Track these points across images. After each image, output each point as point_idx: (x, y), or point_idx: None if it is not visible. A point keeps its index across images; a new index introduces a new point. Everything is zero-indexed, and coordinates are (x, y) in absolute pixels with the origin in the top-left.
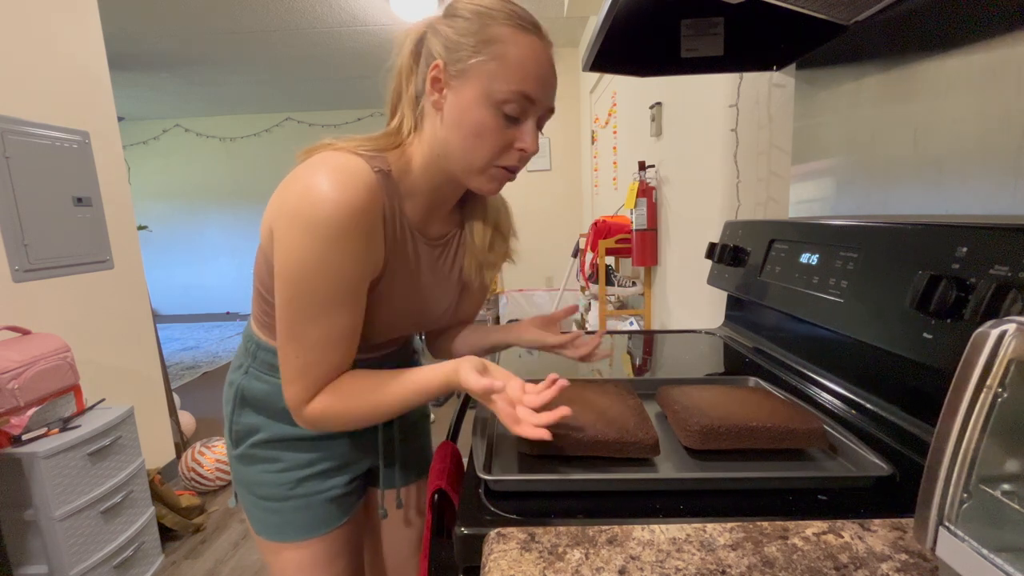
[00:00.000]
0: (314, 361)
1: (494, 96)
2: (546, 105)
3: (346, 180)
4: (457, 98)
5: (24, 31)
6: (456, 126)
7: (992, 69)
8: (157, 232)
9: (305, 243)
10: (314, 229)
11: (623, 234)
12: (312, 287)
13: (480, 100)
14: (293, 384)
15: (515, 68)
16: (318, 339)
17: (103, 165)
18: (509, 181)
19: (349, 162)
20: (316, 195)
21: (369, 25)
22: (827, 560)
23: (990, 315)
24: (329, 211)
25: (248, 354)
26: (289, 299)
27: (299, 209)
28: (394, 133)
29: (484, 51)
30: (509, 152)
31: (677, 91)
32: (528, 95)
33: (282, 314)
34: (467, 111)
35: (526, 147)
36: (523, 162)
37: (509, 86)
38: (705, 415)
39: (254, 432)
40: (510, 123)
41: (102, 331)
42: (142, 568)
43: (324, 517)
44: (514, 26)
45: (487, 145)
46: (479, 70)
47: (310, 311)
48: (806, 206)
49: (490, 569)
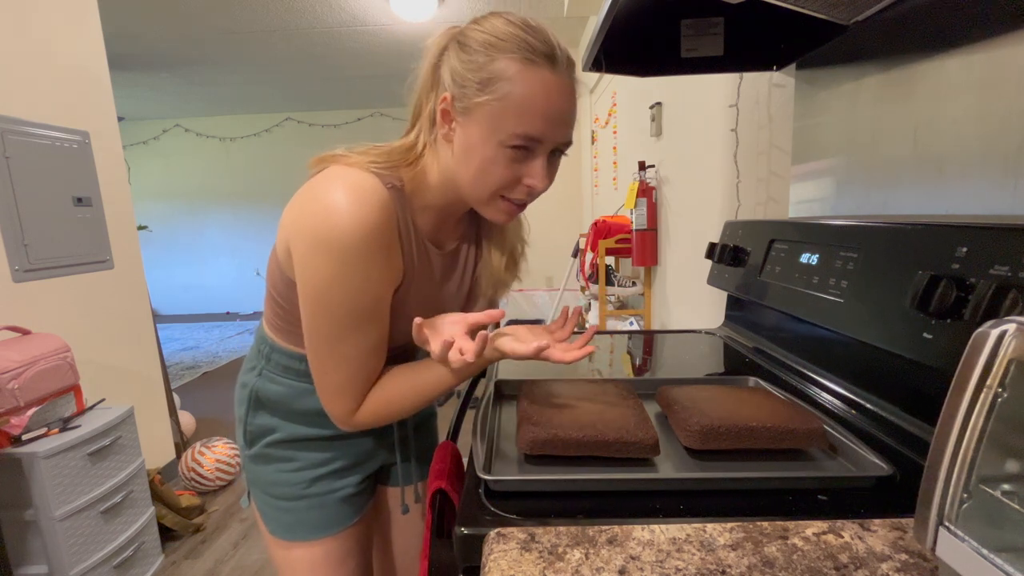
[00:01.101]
0: (353, 374)
1: (498, 137)
2: (557, 141)
3: (362, 200)
4: (464, 133)
5: (24, 31)
6: (464, 161)
7: (992, 69)
8: (157, 232)
9: (328, 266)
10: (336, 253)
11: (623, 234)
12: (340, 308)
13: (485, 140)
14: (337, 399)
15: (520, 109)
16: (353, 354)
17: (103, 165)
18: (520, 212)
19: (364, 180)
20: (335, 217)
21: (369, 25)
22: (827, 560)
23: (990, 315)
24: (349, 233)
25: (261, 356)
26: (318, 320)
27: (318, 232)
28: (409, 149)
29: (488, 90)
30: (518, 187)
31: (677, 91)
32: (533, 136)
33: (312, 334)
34: (473, 148)
35: (534, 184)
36: (532, 196)
37: (514, 128)
38: (705, 415)
39: (269, 432)
40: (518, 159)
41: (102, 331)
42: (142, 568)
43: (337, 516)
44: (522, 60)
45: (494, 181)
46: (484, 110)
47: (341, 330)
48: (806, 206)
49: (490, 569)
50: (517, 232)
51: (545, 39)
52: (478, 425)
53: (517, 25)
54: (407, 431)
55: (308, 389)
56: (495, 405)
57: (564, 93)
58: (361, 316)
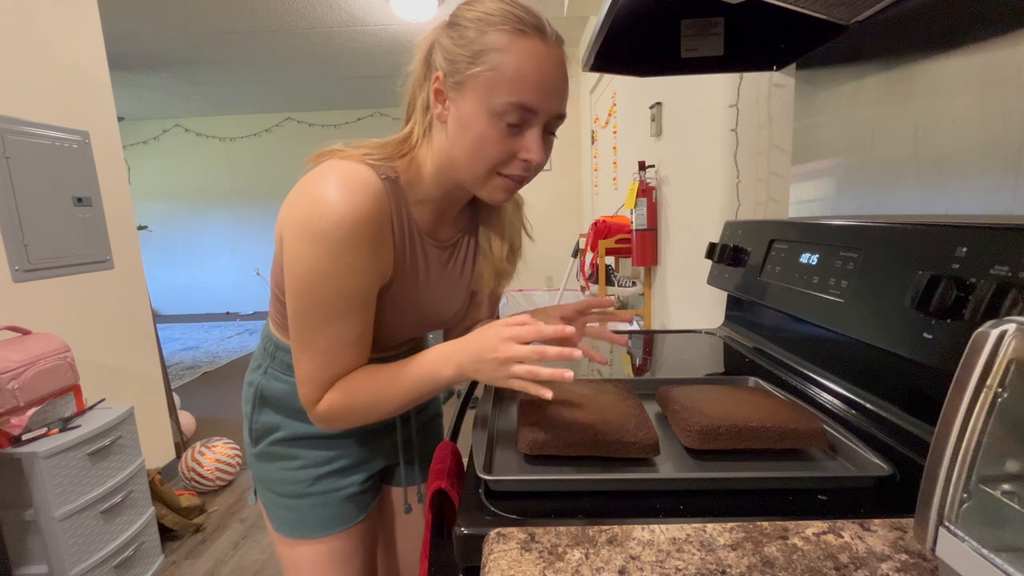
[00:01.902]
0: (324, 364)
1: (492, 108)
2: (551, 112)
3: (353, 190)
4: (458, 110)
5: (24, 31)
6: (459, 138)
7: (992, 69)
8: (157, 232)
9: (312, 253)
10: (320, 240)
11: (623, 234)
12: (320, 296)
13: (479, 112)
14: (304, 386)
15: (512, 78)
16: (328, 346)
17: (103, 165)
18: (518, 190)
19: (356, 171)
20: (323, 206)
21: (369, 25)
22: (827, 560)
23: (990, 315)
24: (335, 222)
25: (267, 355)
26: (298, 307)
27: (306, 220)
28: (404, 141)
29: (480, 61)
30: (513, 162)
31: (677, 91)
32: (527, 106)
33: (293, 321)
34: (468, 123)
35: (530, 157)
36: (529, 171)
37: (506, 98)
38: (705, 415)
39: (273, 430)
40: (513, 132)
41: (102, 331)
42: (142, 568)
43: (341, 514)
44: (512, 31)
45: (489, 156)
46: (476, 81)
47: (319, 319)
48: (806, 206)
49: (490, 569)
50: (516, 221)
51: (534, 14)
52: (478, 425)
53: (506, 2)
54: (411, 431)
55: None
56: (495, 405)
57: (555, 64)
58: (341, 308)
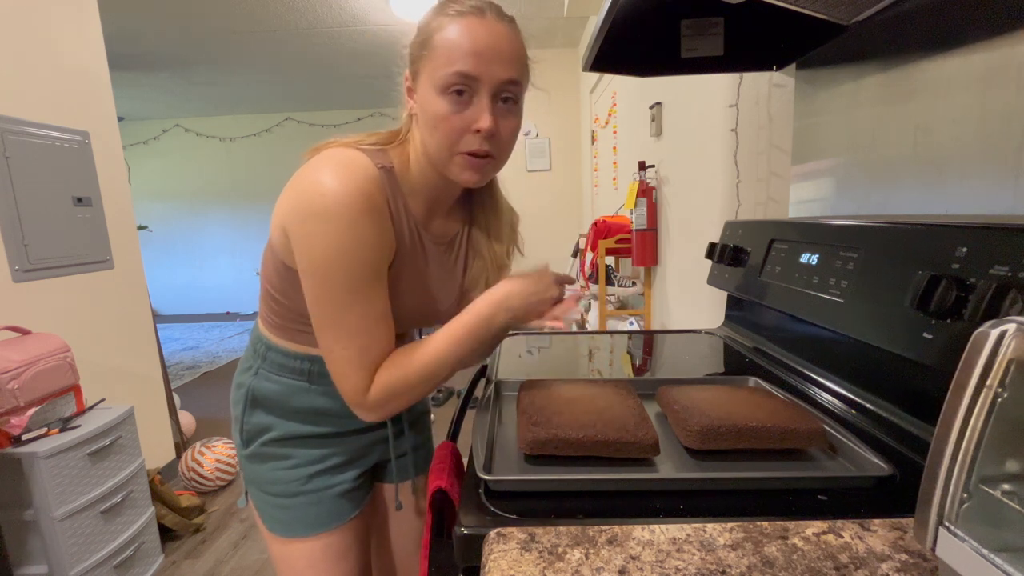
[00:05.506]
0: (364, 345)
1: (436, 84)
2: (495, 77)
3: (352, 171)
4: (419, 99)
5: (24, 31)
6: (424, 124)
7: (992, 69)
8: (157, 232)
9: (323, 231)
10: (328, 218)
11: (623, 234)
12: (341, 273)
13: (429, 92)
14: (348, 379)
15: (448, 51)
16: (359, 324)
17: (103, 165)
18: (485, 166)
19: (353, 156)
20: (323, 187)
21: (369, 25)
22: (827, 560)
23: (990, 315)
24: (338, 198)
25: (257, 355)
26: (320, 293)
27: (310, 204)
28: (395, 132)
29: (426, 48)
30: (467, 135)
31: (677, 91)
32: (464, 72)
33: (318, 310)
34: (425, 107)
35: (480, 126)
36: (486, 144)
37: (444, 69)
38: (705, 415)
39: (265, 431)
40: (462, 105)
41: (102, 331)
42: (142, 568)
43: (334, 511)
44: (452, 14)
45: (446, 133)
46: (424, 67)
47: (345, 298)
48: (806, 206)
49: (490, 569)
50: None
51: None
52: (478, 425)
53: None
54: (402, 427)
55: (304, 387)
56: (495, 405)
57: (491, 32)
58: (361, 281)
